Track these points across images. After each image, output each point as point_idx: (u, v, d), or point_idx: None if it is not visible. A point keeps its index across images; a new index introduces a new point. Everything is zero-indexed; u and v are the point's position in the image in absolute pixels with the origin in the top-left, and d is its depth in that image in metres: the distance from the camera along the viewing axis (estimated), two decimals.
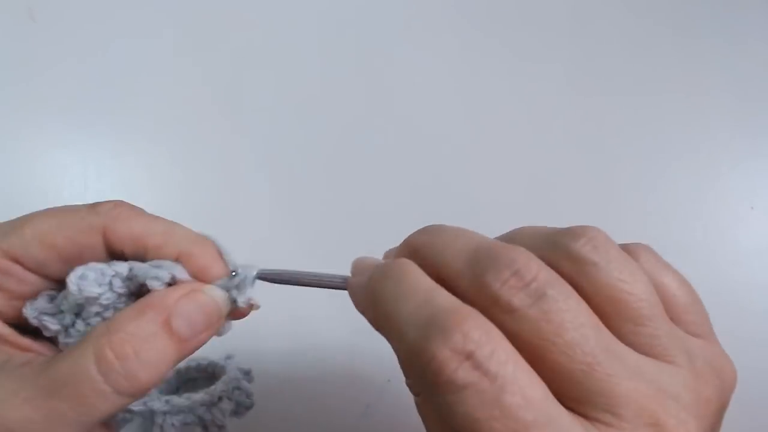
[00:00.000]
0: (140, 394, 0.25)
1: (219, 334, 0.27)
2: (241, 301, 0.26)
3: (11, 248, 0.26)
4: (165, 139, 0.48)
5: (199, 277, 0.27)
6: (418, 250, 0.25)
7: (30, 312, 0.26)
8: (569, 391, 0.21)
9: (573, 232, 0.23)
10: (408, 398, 0.24)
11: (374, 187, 0.49)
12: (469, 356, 0.20)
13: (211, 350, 0.30)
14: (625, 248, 0.24)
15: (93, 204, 0.27)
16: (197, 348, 0.26)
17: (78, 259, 0.26)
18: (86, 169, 0.47)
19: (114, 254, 0.27)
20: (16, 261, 0.26)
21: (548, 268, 0.22)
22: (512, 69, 0.54)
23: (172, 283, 0.25)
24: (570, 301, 0.21)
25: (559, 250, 0.23)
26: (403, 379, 0.23)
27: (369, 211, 0.48)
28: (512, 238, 0.26)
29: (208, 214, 0.31)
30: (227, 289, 0.26)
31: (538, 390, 0.20)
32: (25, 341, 0.27)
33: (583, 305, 0.22)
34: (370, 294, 0.24)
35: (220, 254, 0.27)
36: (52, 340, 0.28)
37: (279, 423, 0.43)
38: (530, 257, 0.22)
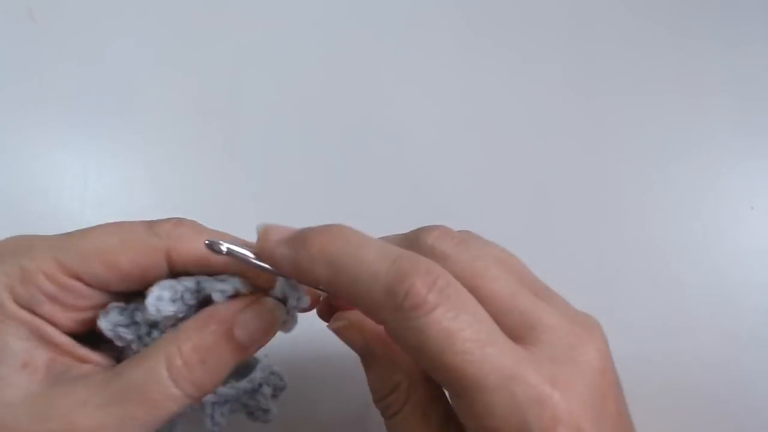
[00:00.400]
0: (204, 395, 0.27)
1: (286, 331, 0.30)
2: (294, 302, 0.29)
3: (73, 265, 0.26)
4: (165, 139, 0.48)
5: (259, 285, 0.28)
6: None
7: (105, 325, 0.27)
8: (500, 318, 0.24)
9: (420, 232, 0.27)
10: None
11: (374, 188, 0.49)
12: (434, 283, 0.23)
13: None
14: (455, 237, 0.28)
15: (152, 223, 0.28)
16: (257, 349, 0.29)
17: (141, 278, 0.27)
18: (86, 169, 0.47)
19: (177, 274, 0.28)
20: (77, 278, 0.27)
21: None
22: (512, 69, 0.54)
23: (235, 295, 0.27)
24: (487, 250, 0.27)
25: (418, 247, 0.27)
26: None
27: (369, 212, 0.48)
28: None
29: (209, 214, 0.31)
30: (284, 293, 0.28)
31: (485, 312, 0.24)
32: (83, 351, 0.28)
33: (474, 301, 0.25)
34: (325, 251, 0.25)
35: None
36: (112, 349, 0.29)
37: (279, 423, 0.43)
38: (435, 266, 0.24)
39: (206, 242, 0.26)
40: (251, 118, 0.50)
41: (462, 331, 0.22)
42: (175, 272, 0.28)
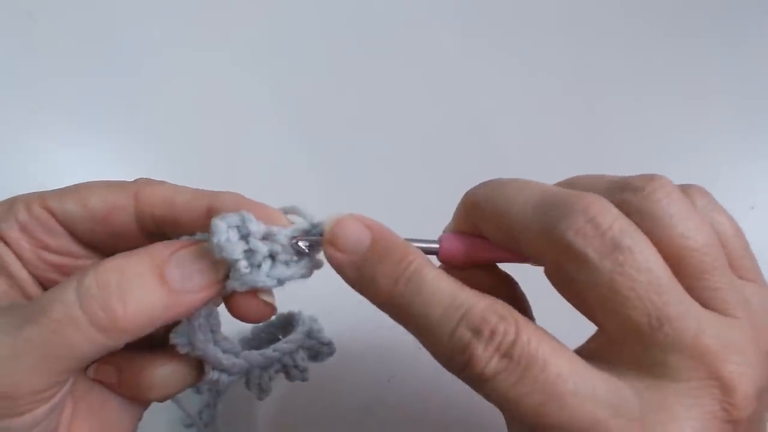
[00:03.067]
0: (117, 335, 0.23)
1: (304, 276, 0.26)
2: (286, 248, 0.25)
3: (50, 200, 0.27)
4: (165, 139, 0.48)
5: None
6: (479, 203, 0.26)
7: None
8: (634, 342, 0.22)
9: (642, 179, 0.24)
10: (408, 397, 0.24)
11: (374, 188, 0.49)
12: (497, 348, 0.22)
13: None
14: (681, 190, 0.25)
15: (134, 180, 0.29)
16: (193, 306, 0.25)
17: (107, 217, 0.27)
18: (86, 169, 0.47)
19: (143, 215, 0.27)
20: (51, 212, 0.27)
21: (623, 215, 0.23)
22: (512, 69, 0.54)
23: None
24: (646, 253, 0.22)
25: (628, 197, 0.23)
26: (403, 379, 0.24)
27: (367, 207, 0.48)
28: (572, 184, 0.26)
29: None
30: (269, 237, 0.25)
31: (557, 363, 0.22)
32: (36, 291, 0.28)
33: (659, 257, 0.22)
34: (389, 301, 0.24)
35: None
36: None
37: (280, 422, 0.43)
38: (605, 204, 0.22)
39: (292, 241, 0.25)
40: (251, 118, 0.50)
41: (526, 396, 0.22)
42: (140, 214, 0.27)
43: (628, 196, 0.23)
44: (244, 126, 0.50)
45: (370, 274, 0.24)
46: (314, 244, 0.25)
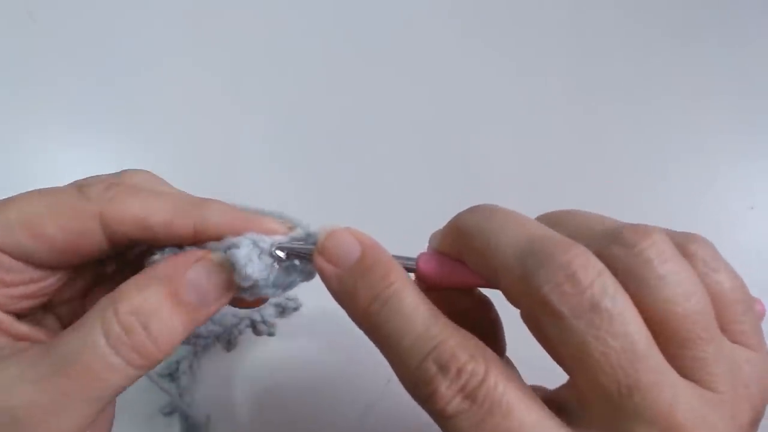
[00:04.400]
0: (155, 364, 0.24)
1: (307, 278, 0.26)
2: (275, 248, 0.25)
3: None
4: (165, 139, 0.48)
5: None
6: (466, 232, 0.25)
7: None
8: (603, 405, 0.21)
9: (635, 232, 0.22)
10: (408, 398, 0.24)
11: (374, 188, 0.49)
12: (462, 387, 0.21)
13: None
14: (679, 243, 0.24)
15: (81, 185, 0.25)
16: (211, 315, 0.25)
17: (73, 247, 0.24)
18: (86, 169, 0.47)
19: (116, 238, 0.25)
20: (2, 250, 0.24)
21: (607, 271, 0.21)
22: (513, 69, 0.54)
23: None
24: (624, 318, 0.21)
25: (617, 253, 0.22)
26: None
27: (369, 212, 0.48)
28: (562, 223, 0.25)
29: None
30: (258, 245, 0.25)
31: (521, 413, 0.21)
32: (23, 329, 0.25)
33: (638, 321, 0.21)
34: (367, 317, 0.23)
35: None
36: (52, 328, 0.27)
37: (278, 423, 0.43)
38: (589, 258, 0.21)
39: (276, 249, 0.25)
40: (252, 118, 0.50)
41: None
42: (113, 238, 0.25)
43: (617, 251, 0.22)
44: (244, 126, 0.50)
45: (351, 287, 0.24)
46: (305, 254, 0.25)
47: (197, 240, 0.25)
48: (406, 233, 0.29)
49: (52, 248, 0.24)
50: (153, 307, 0.23)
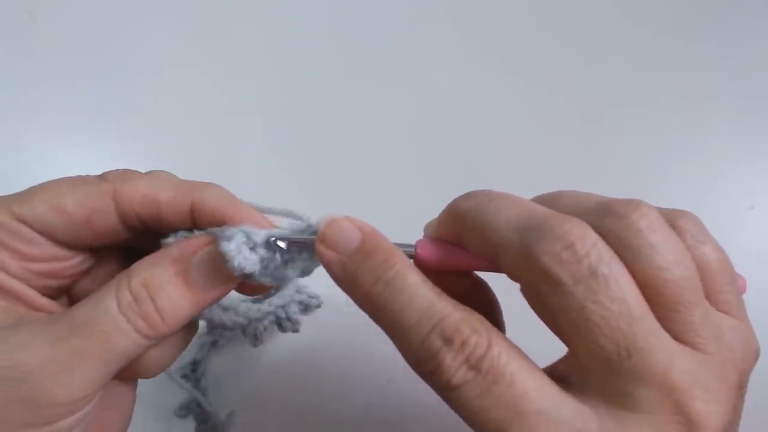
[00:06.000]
0: (161, 336, 0.26)
1: (311, 267, 0.28)
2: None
3: (21, 210, 0.26)
4: (165, 139, 0.48)
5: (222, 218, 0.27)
6: (464, 215, 0.26)
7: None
8: (602, 369, 0.22)
9: (626, 205, 0.24)
10: (408, 398, 0.24)
11: (373, 189, 0.49)
12: (466, 358, 0.22)
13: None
14: (669, 217, 0.25)
15: (102, 174, 0.28)
16: (217, 299, 0.27)
17: (87, 221, 0.27)
18: (86, 169, 0.47)
19: (126, 215, 0.27)
20: (25, 222, 0.26)
21: (602, 241, 0.23)
22: (513, 69, 0.54)
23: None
24: (621, 283, 0.22)
25: (610, 223, 0.23)
26: (403, 379, 0.24)
27: (369, 212, 0.48)
28: (556, 201, 0.26)
29: None
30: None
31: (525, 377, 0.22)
32: (42, 301, 0.27)
33: (634, 287, 0.22)
34: (369, 302, 0.24)
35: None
36: (70, 301, 0.29)
37: (279, 423, 0.43)
38: (585, 229, 0.22)
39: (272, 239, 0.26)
40: (252, 118, 0.50)
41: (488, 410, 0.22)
42: (125, 218, 0.27)
43: (609, 222, 0.23)
44: (244, 125, 0.50)
45: (353, 272, 0.25)
46: (307, 244, 0.27)
47: (196, 220, 0.27)
48: (404, 229, 0.29)
49: (70, 222, 0.26)
50: (162, 282, 0.25)
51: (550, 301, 0.22)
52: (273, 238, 0.26)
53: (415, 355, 0.23)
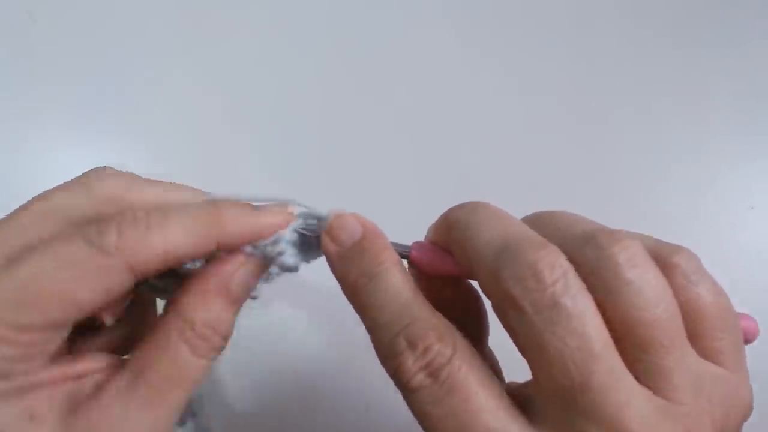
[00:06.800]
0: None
1: (307, 261, 0.28)
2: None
3: (21, 319, 0.22)
4: (165, 139, 0.48)
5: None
6: (454, 225, 0.26)
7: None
8: (558, 402, 0.22)
9: (609, 236, 0.23)
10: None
11: (373, 189, 0.49)
12: (428, 363, 0.23)
13: None
14: (663, 253, 0.24)
15: (90, 235, 0.23)
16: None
17: (106, 300, 0.24)
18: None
19: (143, 275, 0.25)
20: (32, 330, 0.23)
21: (573, 271, 0.22)
22: (513, 69, 0.54)
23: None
24: (583, 317, 0.21)
25: (588, 254, 0.23)
26: None
27: (369, 212, 0.48)
28: (546, 223, 0.26)
29: None
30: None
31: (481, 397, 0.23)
32: (78, 367, 0.25)
33: (597, 322, 0.21)
34: (354, 288, 0.25)
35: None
36: (94, 336, 0.28)
37: (278, 423, 0.43)
38: (557, 258, 0.22)
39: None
40: (252, 118, 0.50)
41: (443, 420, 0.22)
42: (140, 277, 0.25)
43: (588, 252, 0.23)
44: (244, 125, 0.50)
45: (347, 265, 0.26)
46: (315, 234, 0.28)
47: (221, 249, 0.27)
48: (406, 230, 0.29)
49: (84, 311, 0.24)
50: (219, 316, 0.26)
51: (514, 325, 0.22)
52: (302, 230, 0.28)
53: (383, 351, 0.24)
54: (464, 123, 0.52)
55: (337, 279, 0.26)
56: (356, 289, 0.25)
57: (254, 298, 0.30)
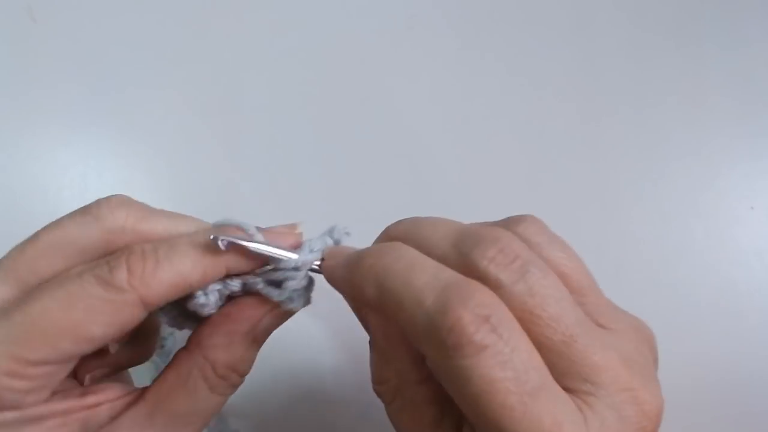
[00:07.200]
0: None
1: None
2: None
3: (34, 355, 0.23)
4: (165, 139, 0.48)
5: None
6: (400, 238, 0.26)
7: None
8: (552, 363, 0.22)
9: (515, 221, 0.26)
10: None
11: (374, 189, 0.49)
12: (486, 320, 0.20)
13: None
14: (509, 223, 0.26)
15: (101, 273, 0.24)
16: None
17: (120, 335, 0.25)
18: (86, 169, 0.47)
19: (155, 306, 0.25)
20: (45, 363, 0.24)
21: (526, 246, 0.24)
22: (513, 69, 0.54)
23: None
24: (550, 278, 0.23)
25: (519, 231, 0.25)
26: None
27: (369, 212, 0.48)
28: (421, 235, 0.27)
29: (210, 214, 0.32)
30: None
31: (538, 355, 0.22)
32: (90, 399, 0.26)
33: (559, 281, 0.23)
34: (374, 270, 0.24)
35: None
36: (100, 365, 0.29)
37: (278, 423, 0.43)
38: (511, 236, 0.24)
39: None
40: (252, 118, 0.50)
41: (507, 381, 0.20)
42: (152, 308, 0.25)
43: (517, 230, 0.25)
44: (245, 126, 0.50)
45: (355, 260, 0.25)
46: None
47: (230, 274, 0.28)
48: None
49: (97, 345, 0.25)
50: (243, 358, 0.28)
51: None
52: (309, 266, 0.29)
53: (428, 312, 0.21)
54: (464, 123, 0.52)
55: (346, 280, 0.26)
56: (376, 269, 0.24)
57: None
